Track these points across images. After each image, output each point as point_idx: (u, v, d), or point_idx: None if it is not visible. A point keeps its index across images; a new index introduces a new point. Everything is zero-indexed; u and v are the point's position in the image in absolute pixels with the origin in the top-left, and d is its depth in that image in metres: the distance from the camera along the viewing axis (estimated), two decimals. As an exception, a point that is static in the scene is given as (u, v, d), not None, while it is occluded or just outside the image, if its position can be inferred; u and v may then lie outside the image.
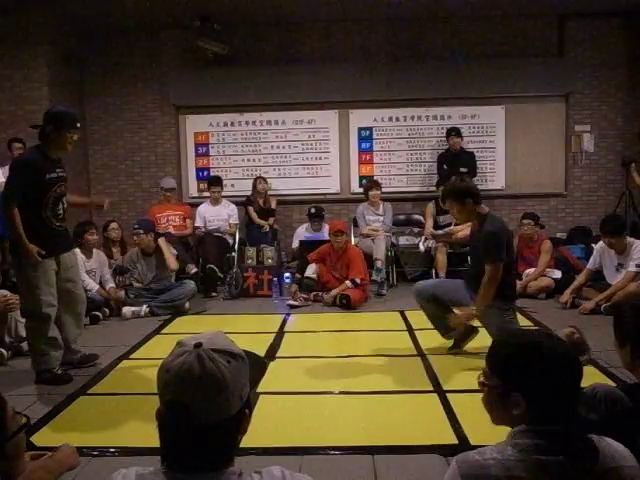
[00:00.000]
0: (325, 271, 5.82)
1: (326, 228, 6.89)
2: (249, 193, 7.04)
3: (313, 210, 6.91)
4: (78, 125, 3.65)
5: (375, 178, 7.41)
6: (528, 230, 5.88)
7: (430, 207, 6.55)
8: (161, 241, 5.59)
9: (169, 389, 1.07)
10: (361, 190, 7.07)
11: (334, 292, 5.55)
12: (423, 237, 6.55)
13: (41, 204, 3.50)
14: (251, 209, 6.91)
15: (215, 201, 6.86)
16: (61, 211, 3.63)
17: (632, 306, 1.89)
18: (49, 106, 6.42)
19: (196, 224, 6.80)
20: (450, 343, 4.03)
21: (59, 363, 3.67)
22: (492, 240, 3.53)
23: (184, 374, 1.06)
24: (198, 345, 1.09)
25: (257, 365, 1.23)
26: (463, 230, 6.29)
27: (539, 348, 1.33)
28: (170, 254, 5.58)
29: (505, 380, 1.35)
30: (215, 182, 6.93)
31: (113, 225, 6.08)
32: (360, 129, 7.46)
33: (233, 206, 6.92)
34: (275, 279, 6.04)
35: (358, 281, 5.56)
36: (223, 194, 6.99)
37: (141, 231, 5.55)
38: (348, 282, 5.56)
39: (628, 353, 1.82)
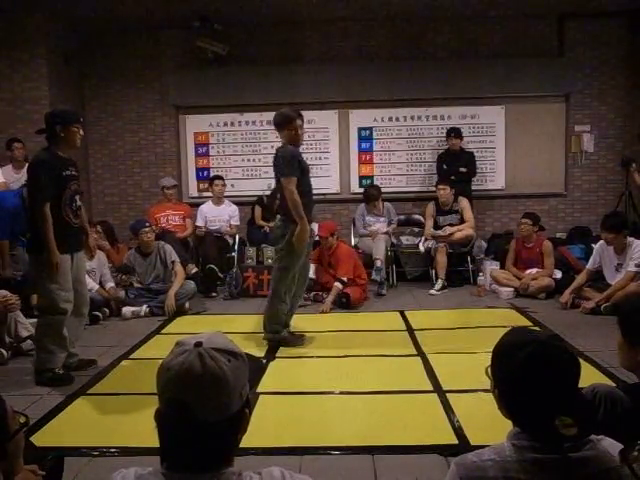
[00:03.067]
0: (323, 271, 5.81)
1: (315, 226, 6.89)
2: (250, 193, 7.03)
3: None
4: (81, 120, 3.73)
5: (375, 178, 7.43)
6: (524, 229, 5.88)
7: (430, 207, 6.55)
8: None
9: (170, 388, 1.07)
10: (361, 190, 7.07)
11: (329, 299, 5.43)
12: (423, 237, 6.55)
13: (60, 201, 3.55)
14: (259, 210, 6.89)
15: (218, 199, 6.82)
16: (76, 207, 3.68)
17: None
18: (49, 106, 6.47)
19: (197, 223, 6.78)
20: None
21: (61, 364, 3.67)
22: (283, 158, 4.08)
23: (185, 373, 1.06)
24: (198, 344, 1.09)
25: (255, 365, 1.23)
26: (463, 231, 6.35)
27: (522, 348, 1.28)
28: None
29: (492, 374, 1.37)
30: (218, 177, 6.93)
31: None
32: (360, 129, 7.46)
33: (235, 207, 6.90)
34: (275, 279, 6.04)
35: (345, 279, 5.48)
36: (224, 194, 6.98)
37: (147, 228, 5.57)
38: (337, 283, 5.46)
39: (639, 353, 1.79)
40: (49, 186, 3.49)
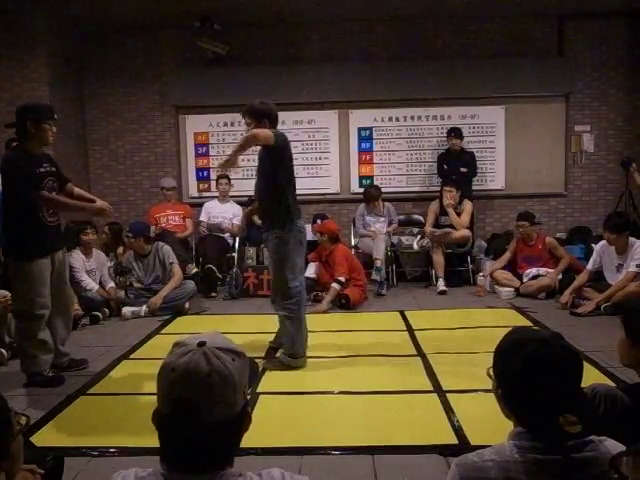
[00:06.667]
0: (324, 271, 5.80)
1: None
2: (251, 193, 6.99)
3: (319, 221, 6.82)
4: (55, 116, 3.56)
5: (375, 178, 7.42)
6: (524, 231, 5.89)
7: (434, 205, 6.54)
8: None
9: (176, 388, 1.07)
10: (361, 190, 7.06)
11: (326, 300, 5.41)
12: (419, 236, 6.54)
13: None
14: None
15: (223, 198, 6.85)
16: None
17: None
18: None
19: (200, 218, 6.83)
20: None
21: (49, 366, 3.62)
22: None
23: (192, 372, 1.06)
24: (202, 344, 1.09)
25: (251, 366, 1.23)
26: (461, 231, 6.35)
27: (524, 346, 1.29)
28: None
29: (495, 374, 1.37)
30: (223, 176, 6.95)
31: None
32: (360, 129, 7.46)
33: (239, 207, 6.93)
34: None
35: (342, 279, 5.47)
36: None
37: (130, 235, 5.58)
38: (334, 284, 5.44)
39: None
40: (27, 179, 3.37)
